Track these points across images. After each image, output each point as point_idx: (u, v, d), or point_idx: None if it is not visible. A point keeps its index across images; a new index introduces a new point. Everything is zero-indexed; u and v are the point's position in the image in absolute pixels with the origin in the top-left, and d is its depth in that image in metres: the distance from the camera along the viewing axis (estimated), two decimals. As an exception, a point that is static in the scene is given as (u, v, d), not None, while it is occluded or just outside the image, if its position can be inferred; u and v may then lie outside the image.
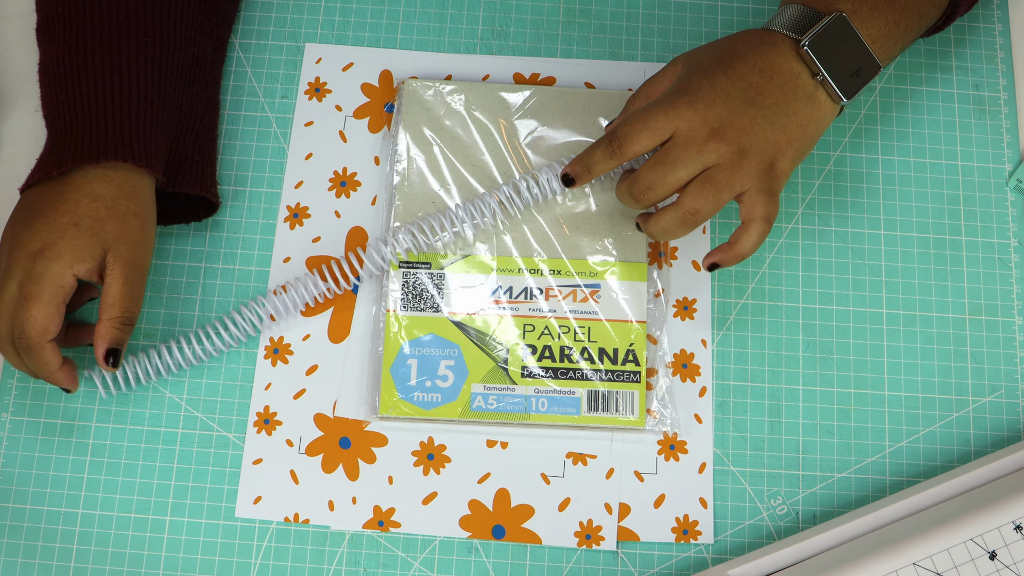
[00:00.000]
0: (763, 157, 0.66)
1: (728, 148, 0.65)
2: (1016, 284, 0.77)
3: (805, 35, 0.66)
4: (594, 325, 0.74)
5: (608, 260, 0.75)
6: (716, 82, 0.66)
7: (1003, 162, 0.80)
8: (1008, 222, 0.78)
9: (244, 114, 0.80)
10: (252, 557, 0.71)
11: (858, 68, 0.68)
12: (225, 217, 0.78)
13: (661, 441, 0.73)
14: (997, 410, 0.74)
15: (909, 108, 0.81)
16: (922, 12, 0.71)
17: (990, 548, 0.66)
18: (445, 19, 0.83)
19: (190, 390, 0.74)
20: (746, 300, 0.76)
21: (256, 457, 0.73)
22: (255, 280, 0.77)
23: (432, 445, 0.73)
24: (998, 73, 0.82)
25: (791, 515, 0.72)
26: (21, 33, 0.83)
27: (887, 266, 0.77)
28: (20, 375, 0.74)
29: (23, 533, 0.72)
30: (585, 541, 0.71)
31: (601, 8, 0.83)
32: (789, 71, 0.67)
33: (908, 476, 0.73)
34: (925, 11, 0.71)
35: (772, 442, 0.74)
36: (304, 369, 0.75)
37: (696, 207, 0.66)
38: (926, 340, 0.76)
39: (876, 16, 0.68)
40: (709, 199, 0.66)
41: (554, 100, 0.79)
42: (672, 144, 0.66)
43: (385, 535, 0.71)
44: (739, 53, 0.67)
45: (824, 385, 0.75)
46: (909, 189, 0.79)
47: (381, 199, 0.78)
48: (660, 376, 0.74)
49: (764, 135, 0.66)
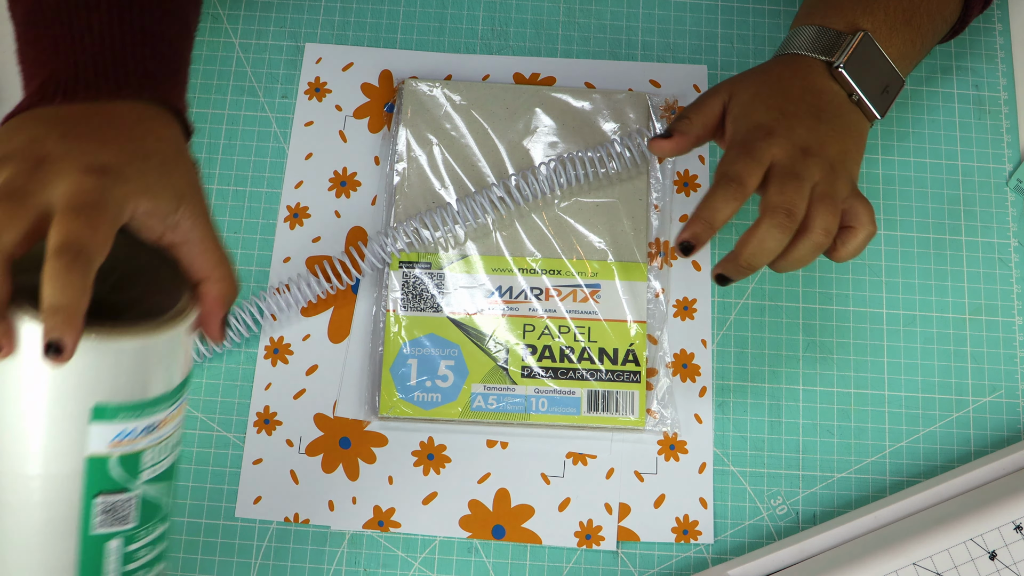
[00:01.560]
0: (847, 166, 0.65)
1: (822, 162, 0.64)
2: (1016, 284, 0.77)
3: (836, 56, 0.67)
4: (594, 325, 0.74)
5: (608, 260, 0.75)
6: (783, 107, 0.66)
7: (1003, 162, 0.80)
8: (1008, 222, 0.78)
9: (244, 114, 0.80)
10: (252, 557, 0.71)
11: (886, 85, 0.68)
12: (225, 217, 0.78)
13: (661, 441, 0.73)
14: (997, 410, 0.74)
15: (909, 108, 0.81)
16: (936, 30, 0.72)
17: (990, 548, 0.66)
18: (445, 19, 0.83)
19: (190, 390, 0.74)
20: (746, 300, 0.76)
21: (256, 457, 0.73)
22: (255, 280, 0.77)
23: (432, 445, 0.73)
24: (998, 73, 0.82)
25: (791, 515, 0.72)
26: (21, 33, 0.82)
27: (887, 266, 0.77)
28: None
29: (23, 533, 0.72)
30: (585, 541, 0.71)
31: (601, 8, 0.83)
32: (831, 90, 0.67)
33: (908, 476, 0.73)
34: (938, 29, 0.72)
35: (772, 442, 0.74)
36: (304, 369, 0.75)
37: (826, 225, 0.64)
38: (926, 340, 0.76)
39: (895, 36, 0.69)
40: (834, 213, 0.64)
41: (554, 100, 0.79)
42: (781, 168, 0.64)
43: (385, 535, 0.71)
44: (785, 78, 0.67)
45: (824, 385, 0.75)
46: (909, 189, 0.79)
47: (381, 199, 0.78)
48: (660, 376, 0.74)
49: (840, 147, 0.66)
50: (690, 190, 0.78)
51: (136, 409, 0.49)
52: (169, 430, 0.52)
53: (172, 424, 0.52)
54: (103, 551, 0.51)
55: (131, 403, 0.49)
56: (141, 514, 0.51)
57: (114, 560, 0.51)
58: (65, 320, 0.46)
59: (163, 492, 0.53)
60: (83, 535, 0.50)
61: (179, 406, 0.52)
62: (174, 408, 0.52)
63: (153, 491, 0.52)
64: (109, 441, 0.49)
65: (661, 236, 0.77)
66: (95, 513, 0.50)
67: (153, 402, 0.50)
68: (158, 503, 0.52)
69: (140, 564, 0.52)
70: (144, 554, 0.52)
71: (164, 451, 0.52)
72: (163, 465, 0.52)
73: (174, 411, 0.52)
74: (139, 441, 0.50)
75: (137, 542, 0.52)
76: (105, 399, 0.48)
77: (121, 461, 0.50)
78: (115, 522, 0.51)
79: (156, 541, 0.53)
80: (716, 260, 0.77)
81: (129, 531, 0.51)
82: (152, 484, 0.52)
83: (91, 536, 0.50)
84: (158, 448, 0.51)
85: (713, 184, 0.64)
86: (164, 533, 0.54)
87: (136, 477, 0.51)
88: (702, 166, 0.79)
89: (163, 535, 0.54)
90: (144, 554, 0.52)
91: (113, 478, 0.50)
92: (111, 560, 0.51)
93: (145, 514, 0.52)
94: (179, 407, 0.52)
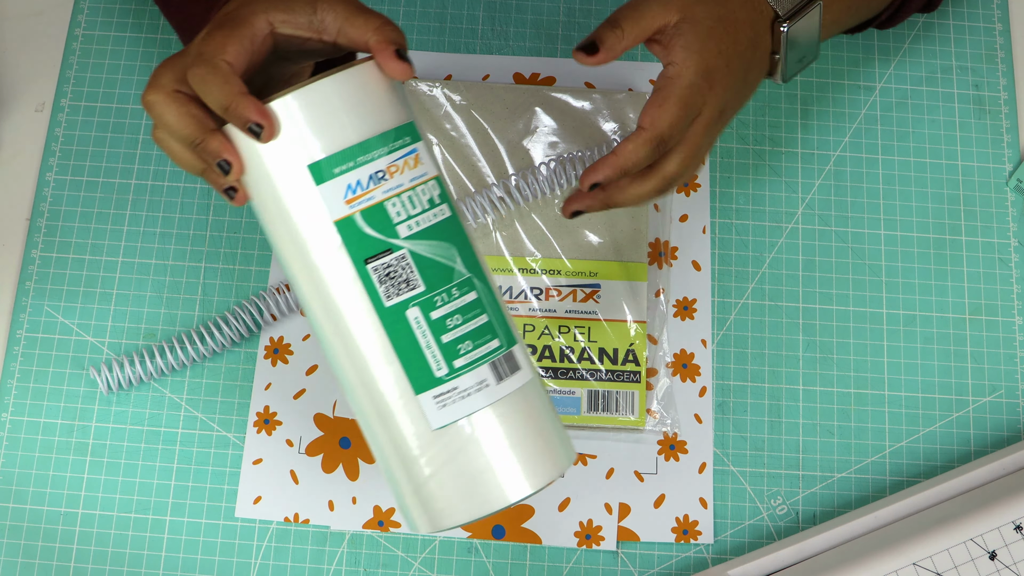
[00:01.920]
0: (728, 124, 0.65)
1: (723, 127, 0.64)
2: (1016, 284, 0.77)
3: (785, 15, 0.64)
4: (594, 325, 0.74)
5: (608, 260, 0.75)
6: (730, 58, 0.63)
7: (1003, 162, 0.80)
8: (1008, 222, 0.78)
9: (244, 114, 0.80)
10: (252, 557, 0.71)
11: (804, 55, 0.67)
12: (225, 217, 0.78)
13: (661, 441, 0.73)
14: (997, 410, 0.74)
15: (909, 108, 0.81)
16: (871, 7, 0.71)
17: (990, 548, 0.66)
18: (445, 19, 0.83)
19: (190, 390, 0.74)
20: (746, 300, 0.76)
21: (256, 457, 0.73)
22: (255, 280, 0.77)
23: (432, 445, 0.73)
24: (998, 73, 0.82)
25: (791, 515, 0.72)
26: (21, 33, 0.83)
27: (887, 266, 0.77)
28: (20, 375, 0.74)
29: (23, 533, 0.72)
30: (585, 541, 0.71)
31: (601, 8, 0.83)
32: (764, 46, 0.65)
33: (908, 476, 0.73)
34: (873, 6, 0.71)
35: (772, 442, 0.74)
36: (304, 369, 0.75)
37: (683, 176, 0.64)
38: (926, 340, 0.76)
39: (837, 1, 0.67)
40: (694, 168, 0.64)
41: (554, 100, 0.79)
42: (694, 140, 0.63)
43: (385, 535, 0.71)
44: (740, 21, 0.64)
45: (824, 385, 0.75)
46: (909, 189, 0.79)
47: (381, 199, 0.78)
48: (660, 376, 0.74)
49: (740, 108, 0.66)
50: (690, 190, 0.78)
51: (347, 157, 0.52)
52: (404, 181, 0.53)
53: (405, 175, 0.53)
54: (406, 323, 0.52)
55: (339, 152, 0.52)
56: (425, 277, 0.52)
57: (424, 332, 0.52)
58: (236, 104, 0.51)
59: (442, 253, 0.53)
60: (379, 311, 0.52)
61: (406, 156, 0.53)
62: (397, 157, 0.53)
63: (425, 250, 0.53)
64: (343, 198, 0.52)
65: (661, 236, 0.77)
66: (376, 283, 0.52)
67: (362, 147, 0.52)
68: (441, 265, 0.53)
69: (459, 334, 0.53)
70: (457, 323, 0.53)
71: (412, 205, 0.53)
72: (422, 221, 0.53)
73: (399, 160, 0.53)
74: (372, 193, 0.52)
75: (438, 309, 0.53)
76: (314, 156, 0.51)
77: (366, 217, 0.52)
78: (400, 288, 0.52)
79: (468, 310, 0.53)
80: (717, 262, 0.77)
81: (421, 297, 0.52)
82: (419, 242, 0.53)
83: (387, 310, 0.52)
84: (401, 200, 0.52)
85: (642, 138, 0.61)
86: (480, 303, 0.54)
87: (391, 233, 0.52)
88: (702, 166, 0.79)
89: (479, 305, 0.53)
90: (457, 323, 0.53)
91: (369, 236, 0.52)
92: (420, 332, 0.52)
93: (431, 277, 0.52)
94: (407, 158, 0.53)
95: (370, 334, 0.52)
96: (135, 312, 0.76)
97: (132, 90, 0.81)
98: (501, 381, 0.53)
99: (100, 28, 0.83)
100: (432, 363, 0.52)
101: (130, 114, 0.81)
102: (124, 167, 0.79)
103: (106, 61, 0.82)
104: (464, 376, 0.52)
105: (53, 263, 0.77)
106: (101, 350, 0.75)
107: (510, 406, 0.53)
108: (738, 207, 0.78)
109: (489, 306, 0.54)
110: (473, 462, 0.52)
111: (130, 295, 0.76)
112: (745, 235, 0.78)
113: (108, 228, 0.78)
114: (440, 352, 0.52)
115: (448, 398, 0.52)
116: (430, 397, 0.52)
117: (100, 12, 0.83)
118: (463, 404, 0.52)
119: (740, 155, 0.80)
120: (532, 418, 0.53)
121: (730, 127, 0.80)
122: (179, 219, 0.78)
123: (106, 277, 0.77)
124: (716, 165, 0.79)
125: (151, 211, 0.78)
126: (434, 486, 0.53)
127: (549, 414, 0.55)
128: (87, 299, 0.76)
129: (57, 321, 0.76)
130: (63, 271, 0.77)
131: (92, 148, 0.80)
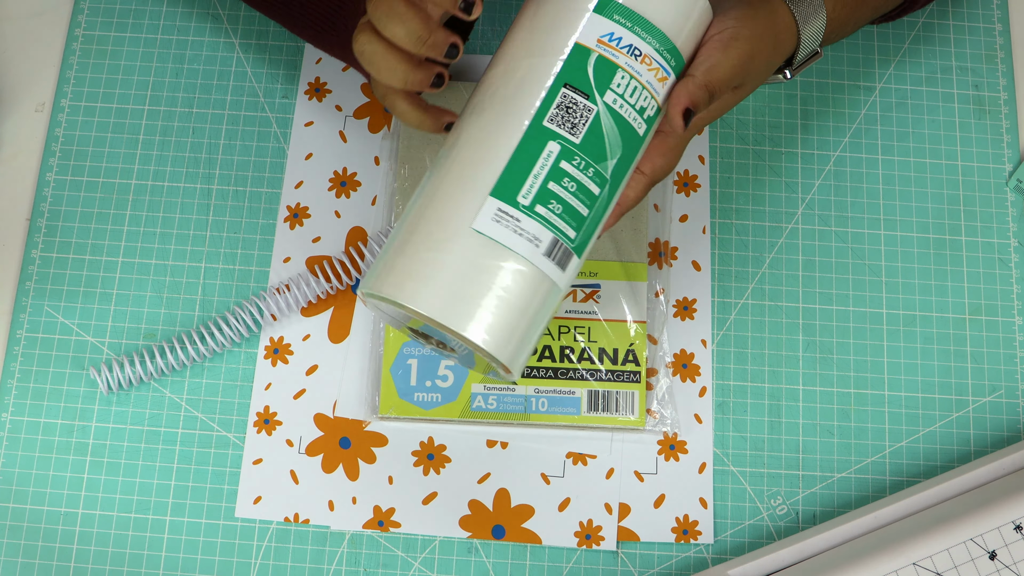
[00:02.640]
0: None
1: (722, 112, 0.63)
2: (1016, 284, 0.77)
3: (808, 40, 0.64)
4: (594, 325, 0.74)
5: (608, 260, 0.75)
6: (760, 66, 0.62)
7: (1003, 162, 0.80)
8: (1008, 222, 0.78)
9: (244, 114, 0.80)
10: (252, 557, 0.71)
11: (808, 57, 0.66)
12: (225, 217, 0.78)
13: (661, 441, 0.73)
14: (997, 410, 0.74)
15: (909, 108, 0.81)
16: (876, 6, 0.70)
17: (990, 548, 0.66)
18: (445, 19, 0.83)
19: (190, 390, 0.74)
20: (746, 300, 0.76)
21: (256, 457, 0.73)
22: (255, 280, 0.77)
23: (432, 445, 0.73)
24: (998, 73, 0.82)
25: (791, 515, 0.72)
26: (21, 33, 0.83)
27: (887, 266, 0.77)
28: (20, 375, 0.74)
29: (23, 533, 0.72)
30: (585, 541, 0.71)
31: (601, 8, 0.83)
32: (784, 54, 0.64)
33: (908, 476, 0.73)
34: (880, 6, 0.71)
35: (772, 442, 0.74)
36: (304, 369, 0.75)
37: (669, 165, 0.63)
38: (926, 340, 0.76)
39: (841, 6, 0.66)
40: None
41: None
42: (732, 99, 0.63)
43: (385, 535, 0.71)
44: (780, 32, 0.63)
45: (824, 385, 0.75)
46: (909, 189, 0.79)
47: (381, 199, 0.78)
48: (660, 376, 0.74)
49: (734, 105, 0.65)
50: (690, 190, 0.78)
51: (633, 18, 0.55)
52: (644, 76, 0.55)
53: (648, 76, 0.55)
54: (541, 147, 0.54)
55: (632, 9, 0.55)
56: (588, 138, 0.54)
57: (546, 165, 0.54)
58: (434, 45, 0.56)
59: (612, 142, 0.54)
60: (534, 121, 0.54)
61: (661, 67, 0.56)
62: (657, 61, 0.56)
63: (608, 126, 0.54)
64: (598, 35, 0.55)
65: (661, 236, 0.77)
66: (554, 103, 0.54)
67: (648, 26, 0.55)
68: (603, 148, 0.54)
69: (561, 195, 0.54)
70: (569, 189, 0.54)
71: (631, 95, 0.55)
72: (625, 112, 0.55)
73: (656, 64, 0.56)
74: (620, 55, 0.55)
75: (571, 162, 0.54)
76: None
77: (598, 63, 0.54)
78: (564, 124, 0.54)
79: (584, 192, 0.55)
80: (717, 262, 0.77)
81: (571, 145, 0.54)
82: (608, 117, 0.54)
83: (539, 126, 0.54)
84: (629, 81, 0.55)
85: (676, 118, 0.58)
86: (595, 200, 0.55)
87: (602, 90, 0.54)
88: (702, 166, 0.79)
89: (593, 200, 0.55)
90: (569, 189, 0.54)
91: (584, 73, 0.54)
92: (543, 162, 0.54)
93: (591, 144, 0.54)
94: (661, 68, 0.56)
95: (511, 130, 0.54)
96: (135, 312, 0.76)
97: (132, 90, 0.81)
98: (546, 258, 0.54)
99: (100, 28, 0.83)
100: (525, 187, 0.54)
101: (130, 114, 0.81)
102: (124, 167, 0.79)
103: (106, 61, 0.82)
104: (532, 222, 0.54)
105: (53, 263, 0.77)
106: (101, 350, 0.75)
107: (528, 281, 0.54)
108: (738, 207, 0.78)
109: (596, 211, 0.55)
110: (457, 276, 0.53)
111: (130, 295, 0.76)
112: (745, 235, 0.78)
113: (108, 228, 0.78)
114: (538, 189, 0.54)
115: (506, 221, 0.53)
116: (495, 206, 0.53)
117: (100, 12, 0.83)
118: (508, 236, 0.53)
119: (740, 155, 0.80)
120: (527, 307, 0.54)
121: (730, 127, 0.80)
122: (179, 219, 0.78)
123: (106, 277, 0.77)
124: (716, 165, 0.79)
125: (151, 211, 0.78)
126: (410, 261, 0.54)
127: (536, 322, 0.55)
128: (87, 299, 0.76)
129: (57, 321, 0.76)
130: (63, 271, 0.77)
131: (92, 148, 0.80)
